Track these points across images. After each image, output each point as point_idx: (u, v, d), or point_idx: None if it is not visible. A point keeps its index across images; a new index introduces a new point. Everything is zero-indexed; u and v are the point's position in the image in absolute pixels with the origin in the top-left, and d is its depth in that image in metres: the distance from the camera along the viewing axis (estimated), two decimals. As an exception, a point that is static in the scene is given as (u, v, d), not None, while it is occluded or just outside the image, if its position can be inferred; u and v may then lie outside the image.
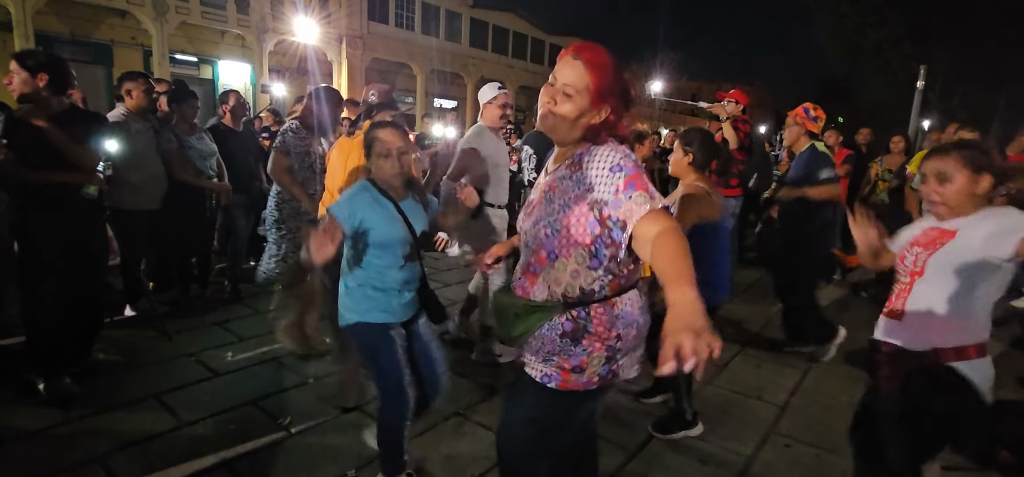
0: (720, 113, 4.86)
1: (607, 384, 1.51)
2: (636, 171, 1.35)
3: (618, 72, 1.44)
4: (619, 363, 1.49)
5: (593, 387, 1.48)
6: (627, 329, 1.46)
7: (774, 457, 2.71)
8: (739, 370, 3.69)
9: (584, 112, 1.42)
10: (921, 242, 1.84)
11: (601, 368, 1.46)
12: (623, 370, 1.51)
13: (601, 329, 1.44)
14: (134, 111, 3.76)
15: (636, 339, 1.50)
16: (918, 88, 13.20)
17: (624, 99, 1.46)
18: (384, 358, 2.06)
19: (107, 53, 14.67)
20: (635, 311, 1.48)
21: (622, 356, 1.48)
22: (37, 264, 2.74)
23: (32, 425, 2.58)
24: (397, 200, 2.07)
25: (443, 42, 22.92)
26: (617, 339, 1.45)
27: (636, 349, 1.52)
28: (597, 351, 1.44)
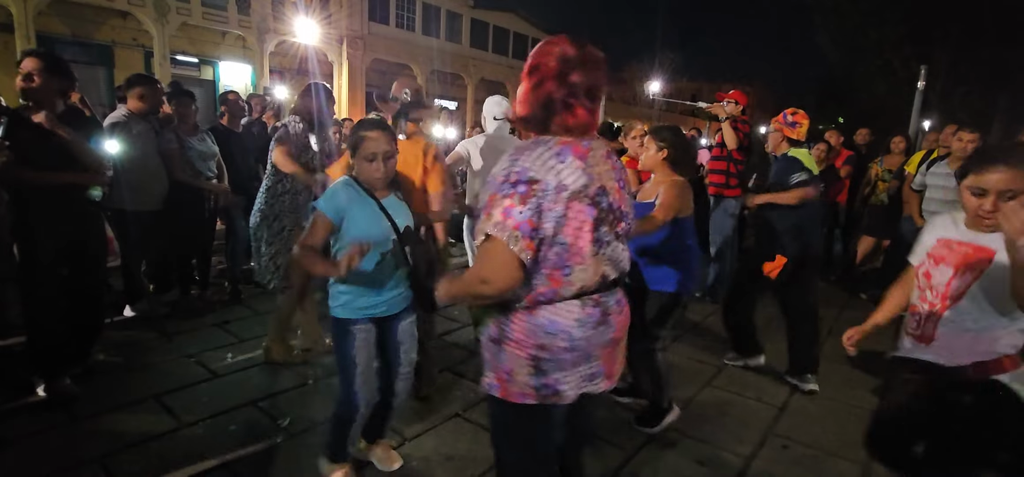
0: (719, 113, 4.86)
1: (549, 402, 1.41)
2: (495, 189, 1.29)
3: (545, 44, 1.38)
4: (553, 377, 1.39)
5: (531, 401, 1.40)
6: (551, 338, 1.37)
7: (773, 458, 2.71)
8: (737, 371, 3.69)
9: (519, 92, 1.43)
10: (949, 260, 1.72)
11: (532, 380, 1.39)
12: (562, 387, 1.40)
13: (520, 336, 1.38)
14: (136, 113, 3.76)
15: (568, 352, 1.38)
16: (918, 88, 13.18)
17: (539, 75, 1.35)
18: (344, 353, 2.09)
19: (108, 54, 14.68)
20: (567, 322, 1.37)
21: (553, 369, 1.39)
22: (38, 265, 2.75)
23: (32, 426, 2.59)
24: (379, 198, 2.08)
25: (444, 43, 22.92)
26: (540, 348, 1.37)
27: (578, 364, 1.41)
28: (519, 358, 1.38)
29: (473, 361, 3.55)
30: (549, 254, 1.32)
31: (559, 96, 1.35)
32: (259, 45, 16.88)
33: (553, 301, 1.36)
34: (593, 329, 1.41)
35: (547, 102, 1.35)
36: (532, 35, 26.65)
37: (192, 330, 3.80)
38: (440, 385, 3.21)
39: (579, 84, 1.34)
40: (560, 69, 1.34)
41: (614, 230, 1.42)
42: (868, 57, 20.79)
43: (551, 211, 1.29)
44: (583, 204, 1.33)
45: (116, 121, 3.68)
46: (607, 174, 1.41)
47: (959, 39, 18.07)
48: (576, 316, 1.38)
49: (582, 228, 1.33)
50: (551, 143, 1.34)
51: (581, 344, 1.40)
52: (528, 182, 1.27)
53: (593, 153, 1.40)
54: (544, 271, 1.34)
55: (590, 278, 1.38)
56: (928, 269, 1.79)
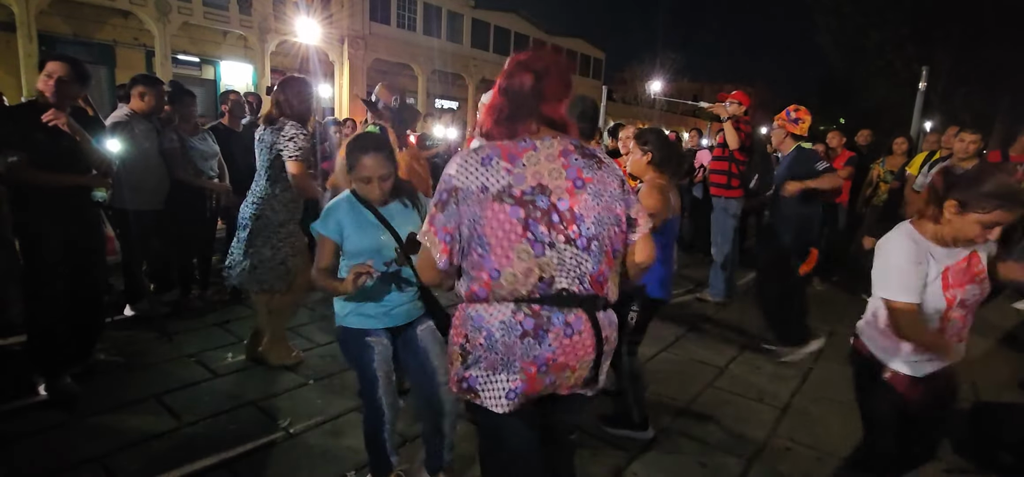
0: (721, 113, 4.85)
1: (465, 397, 1.44)
2: (440, 197, 1.38)
3: (532, 54, 1.43)
4: (470, 373, 1.40)
5: (457, 391, 1.46)
6: (475, 333, 1.38)
7: (775, 459, 2.70)
8: (739, 372, 3.68)
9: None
10: (963, 282, 1.77)
11: (459, 368, 1.43)
12: (481, 389, 1.38)
13: (457, 323, 1.44)
14: (139, 113, 3.76)
15: (487, 352, 1.35)
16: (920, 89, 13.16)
17: (498, 90, 1.44)
18: (358, 365, 2.08)
19: (110, 54, 14.70)
20: (490, 321, 1.35)
21: (472, 364, 1.39)
22: (42, 264, 2.75)
23: (33, 425, 2.59)
24: (376, 210, 2.05)
25: (445, 43, 22.94)
26: (465, 339, 1.40)
27: (497, 371, 1.36)
28: (455, 343, 1.44)
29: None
30: (472, 255, 1.37)
31: (507, 110, 1.41)
32: (260, 45, 16.90)
33: (486, 300, 1.38)
34: (518, 338, 1.33)
35: (497, 115, 1.42)
36: (533, 35, 26.66)
37: (192, 330, 3.80)
38: (441, 385, 3.21)
39: (521, 91, 1.39)
40: (502, 83, 1.43)
41: (562, 232, 1.33)
42: (869, 58, 20.76)
43: (468, 213, 1.34)
44: (506, 204, 1.32)
45: (118, 121, 3.68)
46: (552, 173, 1.35)
47: (961, 40, 18.04)
48: (500, 319, 1.35)
49: (505, 228, 1.32)
50: (482, 148, 1.39)
51: (499, 349, 1.35)
52: (449, 190, 1.36)
53: (533, 153, 1.37)
54: (472, 272, 1.38)
55: (522, 283, 1.33)
56: (961, 297, 1.77)
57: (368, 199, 2.04)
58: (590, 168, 1.39)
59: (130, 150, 3.60)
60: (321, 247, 2.04)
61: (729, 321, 4.68)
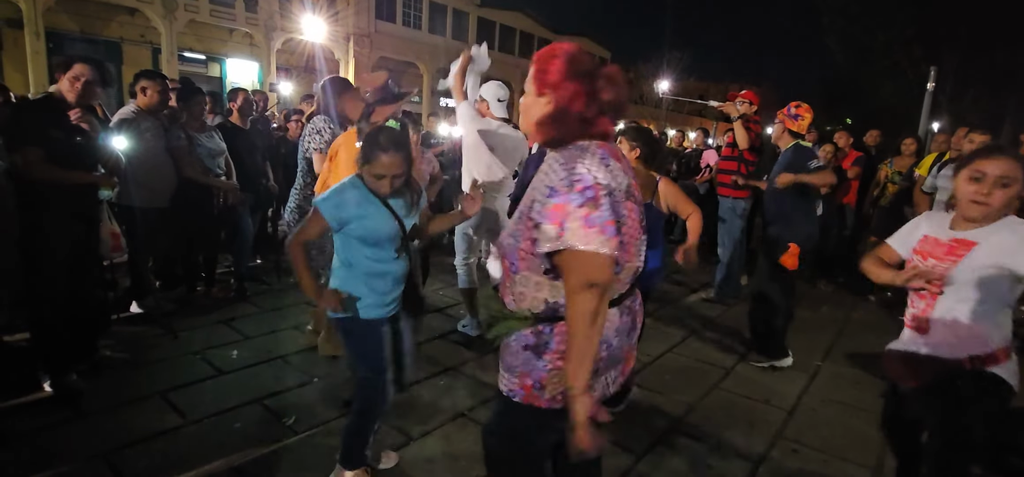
0: (731, 112, 4.82)
1: (561, 404, 1.38)
2: (562, 201, 1.24)
3: (568, 59, 1.33)
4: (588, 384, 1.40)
5: (558, 406, 1.37)
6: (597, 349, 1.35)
7: (782, 461, 2.68)
8: (746, 373, 3.66)
9: (532, 107, 1.38)
10: (936, 254, 1.80)
11: (557, 388, 1.38)
12: (594, 391, 1.40)
13: (564, 347, 1.34)
14: (145, 109, 3.77)
15: (606, 361, 1.41)
16: (928, 90, 13.08)
17: (580, 84, 1.33)
18: (374, 355, 2.09)
19: (117, 51, 14.78)
20: (608, 331, 1.37)
21: (591, 377, 1.34)
22: (47, 262, 2.76)
23: (38, 421, 2.59)
24: (383, 198, 2.06)
25: (450, 41, 22.95)
26: None
27: (609, 369, 1.44)
28: (558, 368, 1.37)
29: (477, 361, 3.54)
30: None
31: (590, 114, 1.34)
32: (266, 42, 16.94)
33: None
34: (626, 336, 1.45)
35: (579, 119, 1.34)
36: (538, 34, 26.64)
37: (198, 327, 3.80)
38: (445, 385, 3.20)
39: (609, 102, 1.36)
40: (589, 86, 1.33)
41: (644, 225, 1.45)
42: (877, 59, 20.66)
43: (619, 210, 1.30)
44: (633, 203, 1.38)
45: (124, 118, 3.69)
46: (630, 171, 1.45)
47: (969, 41, 17.94)
48: (615, 325, 1.40)
49: (635, 226, 1.38)
50: (593, 149, 1.33)
51: (617, 352, 1.43)
52: (593, 187, 1.25)
53: (621, 155, 1.43)
54: None
55: (628, 278, 1.41)
56: (916, 265, 1.85)
57: (375, 191, 2.04)
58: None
59: (137, 147, 3.61)
60: (313, 221, 2.00)
61: (735, 322, 4.65)
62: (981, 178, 1.73)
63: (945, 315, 1.78)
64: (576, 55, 1.35)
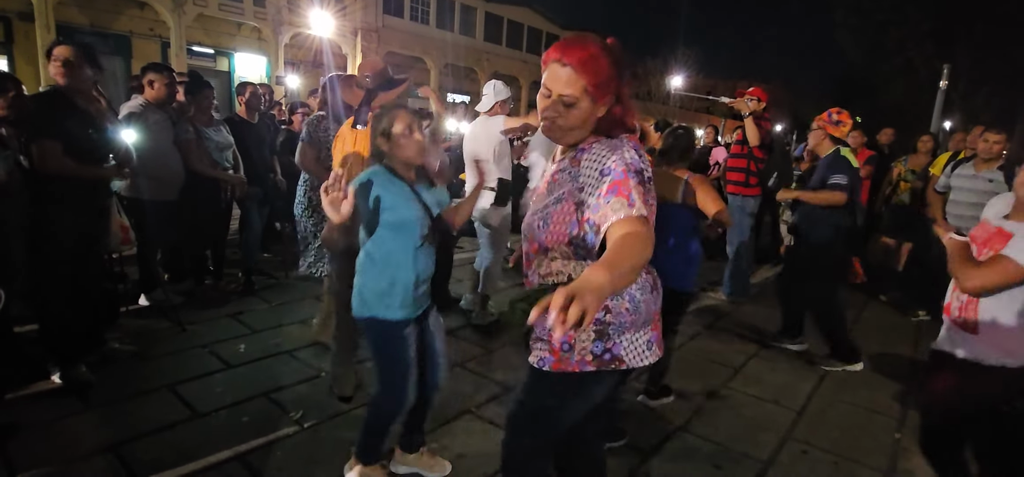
0: (742, 109, 4.77)
1: (606, 368, 1.42)
2: (623, 176, 1.28)
3: (611, 56, 1.36)
4: (615, 342, 1.41)
5: (588, 368, 1.41)
6: (617, 302, 1.39)
7: (791, 463, 2.66)
8: (755, 373, 3.63)
9: (589, 115, 1.38)
10: (978, 239, 1.77)
11: (593, 346, 1.40)
12: (625, 353, 1.42)
13: None
14: (153, 102, 3.77)
15: (632, 315, 1.41)
16: (941, 87, 12.91)
17: (622, 81, 1.40)
18: (397, 356, 2.04)
19: (126, 44, 14.83)
20: (632, 286, 1.41)
21: (617, 333, 1.41)
22: (55, 254, 2.76)
23: (47, 413, 2.60)
24: (411, 183, 2.04)
25: (457, 36, 22.88)
26: (606, 312, 1.39)
27: (639, 328, 1.44)
28: (589, 326, 1.37)
29: (484, 358, 3.53)
30: None
31: (626, 107, 1.42)
32: (274, 37, 16.97)
33: None
34: (650, 292, 1.47)
35: (624, 113, 1.42)
36: (546, 30, 26.52)
37: (206, 320, 3.81)
38: (451, 381, 3.19)
39: (628, 92, 1.42)
40: (622, 80, 1.40)
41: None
42: (889, 56, 20.42)
43: (651, 193, 1.38)
44: (652, 188, 1.41)
45: (132, 111, 3.69)
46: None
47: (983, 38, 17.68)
48: (639, 282, 1.43)
49: (653, 208, 1.40)
50: (626, 140, 1.40)
51: (642, 307, 1.44)
52: (642, 171, 1.35)
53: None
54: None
55: None
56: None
57: (409, 163, 2.01)
58: None
59: (145, 140, 3.61)
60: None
61: (744, 320, 4.61)
62: None
63: (987, 315, 1.73)
64: (616, 49, 1.38)
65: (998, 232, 1.74)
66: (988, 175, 4.13)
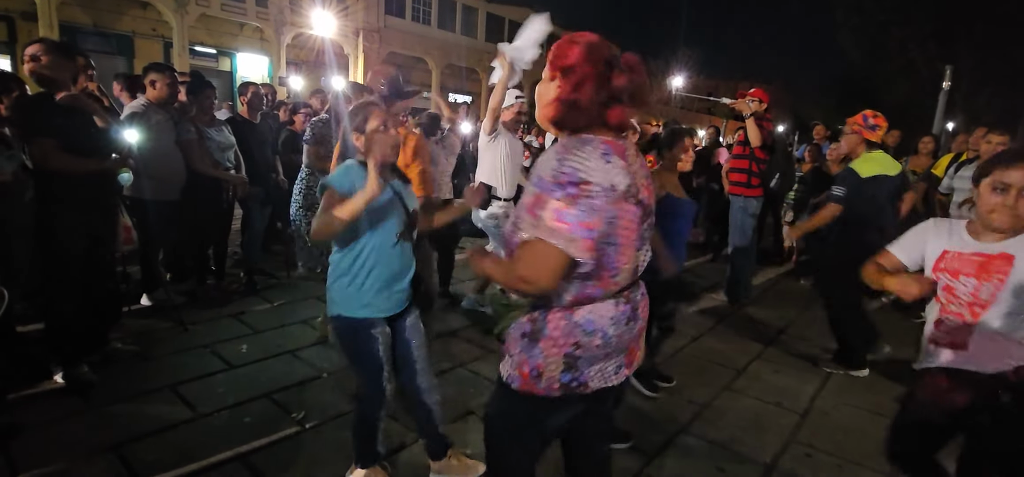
0: (744, 109, 4.76)
1: (573, 394, 1.40)
2: (547, 188, 1.24)
3: (587, 46, 1.31)
4: (584, 372, 1.39)
5: (554, 394, 1.39)
6: (588, 338, 1.36)
7: (794, 465, 2.65)
8: (758, 375, 3.62)
9: (543, 92, 1.39)
10: (968, 272, 1.72)
11: (561, 376, 1.38)
12: (592, 380, 1.40)
13: (557, 334, 1.36)
14: (155, 102, 3.78)
15: (602, 348, 1.38)
16: (943, 89, 12.90)
17: (590, 68, 1.30)
18: (364, 355, 2.02)
19: (128, 44, 14.88)
20: (603, 321, 1.36)
21: (586, 365, 1.39)
22: (62, 254, 2.77)
23: (50, 412, 2.61)
24: (386, 180, 2.00)
25: (459, 36, 22.90)
26: (575, 347, 1.36)
27: (608, 358, 1.41)
28: (553, 356, 1.36)
29: (484, 358, 3.52)
30: (604, 255, 1.32)
31: (600, 99, 1.31)
32: (276, 37, 16.99)
33: (595, 300, 1.36)
34: (625, 325, 1.41)
35: (587, 105, 1.31)
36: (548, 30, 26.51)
37: (208, 320, 3.81)
38: (452, 382, 3.19)
39: (623, 88, 1.33)
40: (602, 72, 1.31)
41: (648, 228, 1.44)
42: (891, 56, 20.39)
43: (605, 212, 1.26)
44: (631, 204, 1.32)
45: (135, 111, 3.70)
46: (641, 171, 1.40)
47: (985, 39, 17.65)
48: (611, 315, 1.38)
49: (630, 228, 1.34)
50: (596, 143, 1.29)
51: (614, 341, 1.40)
52: (578, 183, 1.23)
53: (630, 151, 1.38)
54: (594, 272, 1.33)
55: (627, 277, 1.41)
56: (947, 283, 1.78)
57: (384, 159, 1.95)
58: (646, 163, 1.49)
59: (147, 140, 3.62)
60: (331, 199, 1.85)
61: (746, 322, 4.61)
62: (1005, 189, 1.65)
63: (987, 329, 1.71)
64: (595, 43, 1.33)
65: (989, 258, 1.70)
66: None
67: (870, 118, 3.58)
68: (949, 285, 1.78)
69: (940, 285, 1.79)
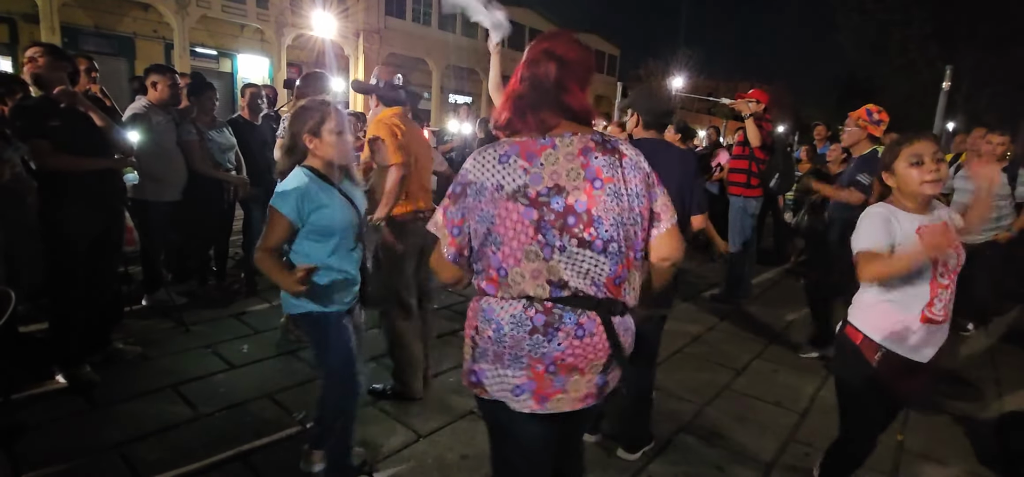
0: (743, 110, 4.77)
1: (472, 390, 1.40)
2: (454, 189, 1.35)
3: (544, 38, 1.38)
4: (479, 366, 1.36)
5: (466, 384, 1.42)
6: (485, 325, 1.33)
7: (794, 464, 2.65)
8: (757, 373, 3.62)
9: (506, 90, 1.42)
10: (943, 243, 1.74)
11: (469, 361, 1.40)
12: (487, 382, 1.35)
13: (470, 315, 1.41)
14: (156, 103, 3.79)
15: (494, 344, 1.31)
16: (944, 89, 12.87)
17: (517, 77, 1.38)
18: (336, 346, 2.04)
19: (130, 46, 14.89)
20: (500, 315, 1.31)
21: (480, 358, 1.35)
22: (67, 254, 2.78)
23: (52, 412, 2.62)
24: (337, 183, 2.01)
25: (459, 37, 22.90)
26: (475, 331, 1.36)
27: (504, 365, 1.31)
28: (466, 338, 1.41)
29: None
30: (486, 252, 1.32)
31: (528, 98, 1.35)
32: (277, 38, 17.02)
33: (495, 296, 1.34)
34: (526, 334, 1.29)
35: (517, 104, 1.36)
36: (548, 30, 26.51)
37: (209, 321, 3.82)
38: (455, 382, 3.20)
39: (544, 78, 1.34)
40: (525, 71, 1.36)
41: (576, 235, 1.28)
42: (891, 56, 20.38)
43: (482, 211, 1.30)
44: (520, 204, 1.27)
45: (136, 112, 3.71)
46: (570, 173, 1.29)
47: (986, 39, 17.63)
48: (510, 313, 1.31)
49: (516, 229, 1.27)
50: (501, 145, 1.34)
51: (507, 342, 1.31)
52: (463, 184, 1.34)
53: (552, 151, 1.30)
54: (482, 268, 1.35)
55: (530, 284, 1.28)
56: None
57: (338, 159, 1.99)
58: (611, 166, 1.32)
59: (149, 141, 3.63)
60: (274, 225, 1.89)
61: (746, 322, 4.61)
62: (920, 161, 1.78)
63: (949, 304, 1.85)
64: (542, 36, 1.39)
65: (945, 227, 1.83)
66: None
67: (874, 113, 3.62)
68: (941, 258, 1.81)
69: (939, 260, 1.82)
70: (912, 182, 1.80)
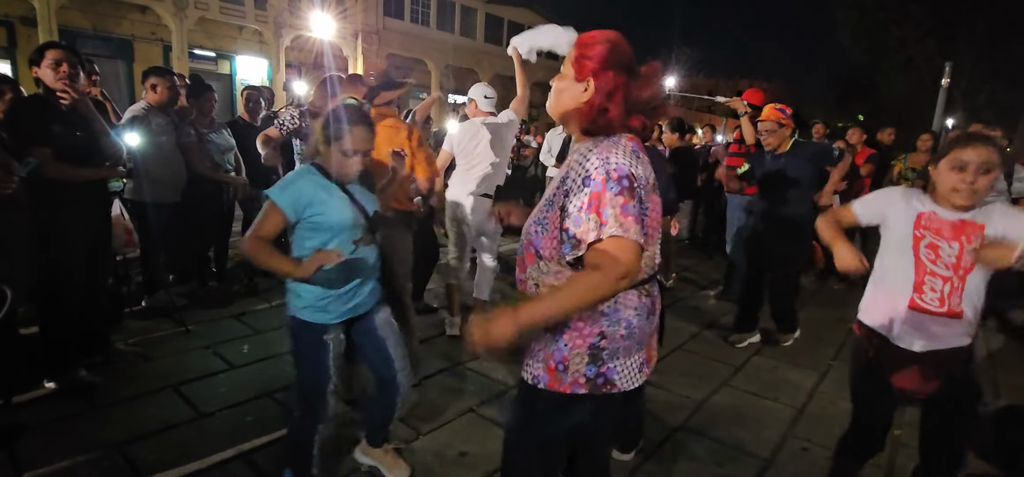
0: (739, 108, 4.78)
1: (598, 392, 1.40)
2: (600, 187, 1.25)
3: (611, 47, 1.35)
4: (608, 366, 1.39)
5: (580, 390, 1.39)
6: (613, 327, 1.36)
7: (792, 461, 2.67)
8: (755, 371, 3.64)
9: (566, 91, 1.40)
10: (949, 235, 1.78)
11: (586, 369, 1.38)
12: (618, 377, 1.40)
13: (581, 323, 1.36)
14: (155, 106, 3.80)
15: (627, 340, 1.38)
16: (942, 85, 12.89)
17: (621, 77, 1.35)
18: (312, 361, 1.96)
19: (128, 48, 14.90)
20: (627, 311, 1.37)
21: (611, 358, 1.38)
22: (61, 260, 2.77)
23: (53, 413, 2.63)
24: (344, 184, 1.97)
25: (458, 37, 22.91)
26: (600, 337, 1.36)
27: (632, 354, 1.41)
28: (578, 348, 1.37)
29: (486, 357, 3.54)
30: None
31: (627, 108, 1.36)
32: (275, 39, 17.02)
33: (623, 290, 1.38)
34: (646, 318, 1.43)
35: (616, 115, 1.35)
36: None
37: (209, 321, 3.84)
38: (453, 381, 3.21)
39: (645, 101, 1.38)
40: (627, 81, 1.36)
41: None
42: (891, 53, 20.40)
43: (644, 204, 1.33)
44: (656, 194, 1.41)
45: (135, 114, 3.72)
46: (654, 168, 1.45)
47: (985, 35, 17.66)
48: (635, 305, 1.39)
49: (656, 218, 1.41)
50: (622, 141, 1.36)
51: (637, 333, 1.41)
52: (629, 177, 1.28)
53: (644, 150, 1.43)
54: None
55: (649, 266, 1.42)
56: (932, 241, 1.82)
57: (342, 175, 1.94)
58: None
59: (148, 143, 3.64)
60: (268, 216, 1.83)
61: (745, 319, 4.62)
62: (963, 167, 1.75)
63: (966, 300, 1.79)
64: (618, 44, 1.36)
65: (967, 224, 1.78)
66: None
67: (787, 111, 3.96)
68: (934, 244, 1.81)
69: (924, 243, 1.82)
70: (945, 183, 1.79)
